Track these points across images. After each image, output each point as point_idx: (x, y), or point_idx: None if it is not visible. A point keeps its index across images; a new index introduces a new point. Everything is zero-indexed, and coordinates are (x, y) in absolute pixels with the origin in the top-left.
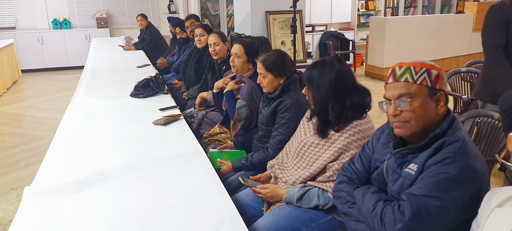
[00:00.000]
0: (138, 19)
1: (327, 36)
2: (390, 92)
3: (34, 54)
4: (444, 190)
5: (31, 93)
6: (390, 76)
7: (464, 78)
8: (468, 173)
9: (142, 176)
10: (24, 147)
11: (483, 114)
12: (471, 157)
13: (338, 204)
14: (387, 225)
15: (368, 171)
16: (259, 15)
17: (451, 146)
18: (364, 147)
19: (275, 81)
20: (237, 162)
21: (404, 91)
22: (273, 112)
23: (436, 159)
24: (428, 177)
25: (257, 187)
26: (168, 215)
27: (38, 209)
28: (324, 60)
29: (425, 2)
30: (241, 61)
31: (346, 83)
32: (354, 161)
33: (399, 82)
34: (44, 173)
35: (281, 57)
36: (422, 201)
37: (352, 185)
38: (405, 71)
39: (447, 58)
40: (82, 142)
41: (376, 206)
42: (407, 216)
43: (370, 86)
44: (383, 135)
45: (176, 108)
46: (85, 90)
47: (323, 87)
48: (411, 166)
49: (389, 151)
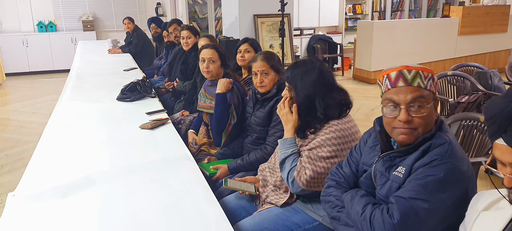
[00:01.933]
0: (124, 22)
1: (315, 40)
2: (401, 97)
3: (19, 58)
4: (432, 192)
5: (15, 97)
6: (398, 79)
7: (450, 82)
8: (455, 175)
9: (128, 180)
10: (8, 151)
11: (470, 117)
12: (458, 159)
13: (327, 209)
14: (376, 228)
15: (356, 175)
16: (247, 18)
17: (438, 149)
18: (352, 151)
19: (276, 78)
20: (233, 163)
21: (418, 97)
22: (270, 112)
23: (424, 161)
24: (415, 180)
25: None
26: (154, 220)
27: (21, 216)
28: (304, 60)
29: (411, 6)
30: (216, 66)
31: (328, 81)
32: (342, 165)
33: (412, 86)
34: (28, 179)
35: (277, 56)
36: (410, 203)
37: (340, 189)
38: (416, 75)
39: (433, 62)
40: (68, 146)
41: (365, 209)
42: (396, 219)
43: (358, 89)
44: (370, 138)
45: (163, 112)
46: (71, 94)
47: (307, 85)
48: (399, 168)
49: (376, 154)
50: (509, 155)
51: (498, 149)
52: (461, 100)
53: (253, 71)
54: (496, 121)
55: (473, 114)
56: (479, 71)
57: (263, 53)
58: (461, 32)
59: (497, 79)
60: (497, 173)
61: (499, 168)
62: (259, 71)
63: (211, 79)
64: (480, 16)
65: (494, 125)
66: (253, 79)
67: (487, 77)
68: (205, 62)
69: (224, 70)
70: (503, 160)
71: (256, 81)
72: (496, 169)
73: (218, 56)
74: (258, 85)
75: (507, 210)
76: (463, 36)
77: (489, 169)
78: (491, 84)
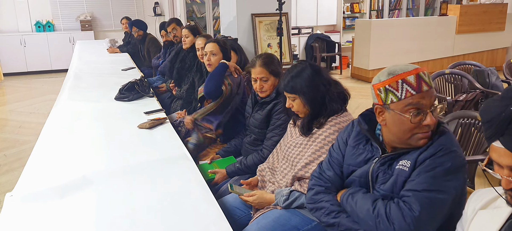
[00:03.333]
0: (122, 22)
1: (313, 39)
2: (427, 101)
3: (17, 58)
4: (442, 182)
5: (13, 97)
6: (421, 83)
7: (448, 80)
8: (459, 161)
9: (126, 180)
10: (6, 152)
11: (468, 115)
12: (459, 147)
13: (320, 216)
14: (396, 223)
15: (341, 177)
16: (245, 17)
17: (440, 139)
18: (330, 152)
19: (275, 82)
20: (231, 166)
21: (435, 99)
22: (268, 115)
23: (429, 152)
24: (425, 172)
25: (244, 195)
26: (153, 220)
27: (19, 216)
28: (294, 65)
29: (409, 5)
30: (217, 58)
31: (324, 74)
32: (323, 168)
33: (432, 89)
34: (26, 179)
35: (276, 58)
36: (425, 195)
37: (331, 193)
38: (429, 78)
39: (431, 60)
40: (66, 146)
41: (375, 205)
42: (417, 211)
43: (356, 88)
44: (350, 137)
45: (162, 112)
46: (69, 93)
47: (311, 86)
48: (403, 162)
49: (364, 153)
50: (506, 158)
51: (495, 151)
52: (459, 99)
53: (252, 77)
54: (493, 124)
55: (471, 112)
56: (477, 70)
57: (261, 59)
58: (458, 30)
59: (495, 77)
60: (494, 174)
61: (496, 169)
62: (259, 78)
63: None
64: (477, 15)
65: (491, 128)
66: (252, 84)
67: (484, 75)
68: (207, 55)
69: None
70: (500, 162)
71: (256, 86)
72: (493, 169)
73: (220, 49)
74: (258, 90)
75: (504, 209)
76: (460, 35)
77: (486, 170)
78: (489, 82)
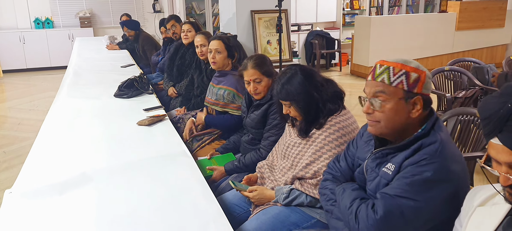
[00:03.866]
0: (122, 18)
1: (312, 36)
2: (367, 89)
3: (16, 54)
4: (418, 191)
5: (12, 94)
6: (370, 73)
7: (448, 77)
8: (443, 174)
9: (126, 177)
10: (6, 148)
11: (467, 112)
12: (448, 159)
13: (322, 201)
14: (360, 223)
15: (352, 169)
16: (245, 14)
17: (428, 148)
18: (349, 144)
19: (269, 83)
20: (230, 164)
21: (378, 91)
22: (263, 115)
23: (413, 160)
24: (403, 178)
25: (245, 191)
26: (152, 217)
27: (19, 213)
28: (284, 72)
29: (409, 1)
30: (222, 56)
31: (316, 78)
32: (339, 159)
33: (376, 81)
34: (25, 176)
35: (268, 59)
36: (395, 201)
37: (336, 182)
38: (383, 71)
39: (431, 57)
40: (65, 143)
41: (353, 203)
42: (379, 215)
43: (355, 85)
44: (366, 132)
45: (161, 109)
46: (68, 90)
47: (302, 93)
48: (388, 165)
49: (370, 149)
50: (505, 155)
51: (493, 148)
52: (458, 95)
53: (245, 80)
54: (492, 121)
55: (470, 109)
56: (476, 66)
57: (253, 60)
58: (458, 27)
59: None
60: (493, 171)
61: (495, 166)
62: (252, 80)
63: (218, 70)
64: (477, 11)
65: (489, 125)
66: (246, 87)
67: (484, 72)
68: (212, 53)
69: (231, 61)
70: (499, 159)
71: (250, 89)
72: (491, 166)
73: (224, 47)
74: (253, 93)
75: (502, 205)
76: (460, 31)
77: (484, 167)
78: (488, 79)
